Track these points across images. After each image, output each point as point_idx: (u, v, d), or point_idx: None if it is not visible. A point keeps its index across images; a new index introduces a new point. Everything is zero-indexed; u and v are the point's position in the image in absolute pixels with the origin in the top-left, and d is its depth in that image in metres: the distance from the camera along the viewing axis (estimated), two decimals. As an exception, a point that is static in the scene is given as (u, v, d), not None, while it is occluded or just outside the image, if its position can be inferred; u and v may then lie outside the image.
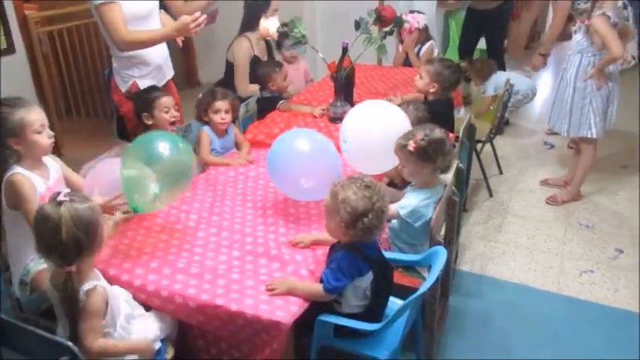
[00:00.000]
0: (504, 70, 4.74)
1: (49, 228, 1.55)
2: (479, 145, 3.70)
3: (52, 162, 2.18)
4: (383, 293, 1.91)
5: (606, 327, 2.54)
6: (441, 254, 1.94)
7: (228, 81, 3.65)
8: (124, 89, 2.77)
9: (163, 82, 2.90)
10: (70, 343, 1.49)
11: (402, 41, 4.41)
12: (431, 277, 1.86)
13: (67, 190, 1.64)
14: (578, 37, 3.22)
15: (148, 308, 1.94)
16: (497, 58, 4.70)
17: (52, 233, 1.56)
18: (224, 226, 2.25)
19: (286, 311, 1.80)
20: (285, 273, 1.96)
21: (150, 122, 2.61)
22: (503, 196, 3.70)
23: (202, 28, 2.59)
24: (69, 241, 1.56)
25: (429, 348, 2.33)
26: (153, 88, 2.67)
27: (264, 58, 3.70)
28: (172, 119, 2.61)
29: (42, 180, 2.07)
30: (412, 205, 2.17)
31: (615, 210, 3.51)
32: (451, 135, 2.74)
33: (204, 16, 2.57)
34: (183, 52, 5.36)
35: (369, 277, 1.86)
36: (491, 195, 3.70)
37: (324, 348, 2.00)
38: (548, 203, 3.57)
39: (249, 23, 3.58)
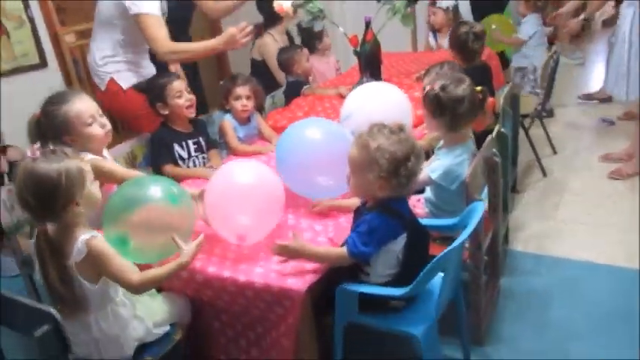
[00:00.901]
0: None
1: (15, 185, 1.45)
2: (527, 124, 3.39)
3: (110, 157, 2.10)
4: (417, 259, 1.65)
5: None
6: (478, 208, 1.68)
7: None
8: (102, 88, 2.66)
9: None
10: (51, 310, 1.33)
11: (433, 29, 4.18)
12: (466, 230, 1.59)
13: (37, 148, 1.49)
14: None
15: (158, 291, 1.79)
16: None
17: (16, 190, 1.45)
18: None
19: (299, 278, 1.60)
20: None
21: (166, 112, 2.48)
22: (558, 175, 3.35)
23: (250, 39, 2.49)
24: (25, 200, 1.44)
25: (476, 330, 2.04)
26: (160, 75, 2.55)
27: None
28: (188, 103, 2.48)
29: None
30: (444, 165, 1.93)
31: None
32: (490, 99, 2.48)
33: (252, 26, 2.47)
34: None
35: (403, 239, 1.63)
36: (544, 174, 3.36)
37: (349, 327, 1.77)
38: (611, 178, 3.19)
39: (269, 20, 3.54)
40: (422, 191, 2.15)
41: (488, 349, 2.05)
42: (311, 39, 3.57)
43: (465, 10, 4.21)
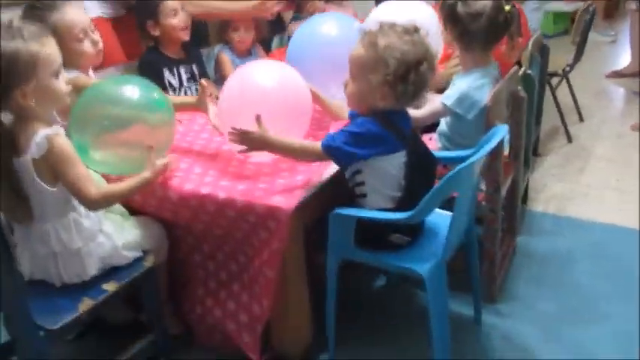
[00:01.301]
0: None
1: None
2: (554, 83, 3.13)
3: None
4: (421, 185, 1.43)
5: None
6: (501, 130, 1.45)
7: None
8: None
9: None
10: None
11: None
12: (484, 149, 1.36)
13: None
14: None
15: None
16: None
17: None
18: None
19: (287, 196, 1.38)
20: (295, 169, 1.54)
21: (156, 33, 2.24)
22: (585, 142, 3.10)
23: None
24: None
25: (489, 286, 1.82)
26: None
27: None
28: (182, 24, 2.24)
29: None
30: (460, 90, 1.69)
31: None
32: (521, 40, 2.24)
33: None
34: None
35: (402, 156, 1.40)
36: (569, 140, 3.11)
37: (345, 266, 1.55)
38: None
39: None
40: (433, 129, 1.92)
41: (501, 306, 1.83)
42: None
43: None
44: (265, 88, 1.56)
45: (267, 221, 1.37)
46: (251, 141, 1.43)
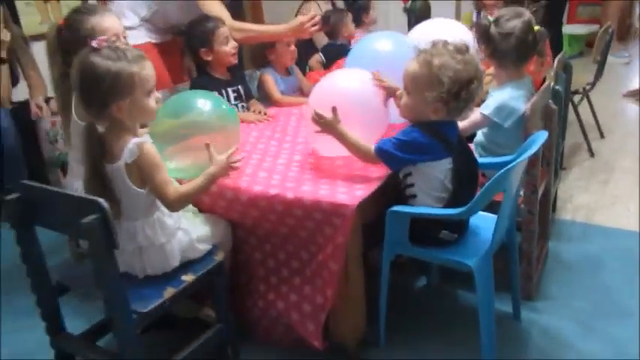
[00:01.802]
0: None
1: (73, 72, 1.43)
2: (576, 99, 3.29)
3: None
4: (467, 185, 1.59)
5: None
6: (541, 136, 1.59)
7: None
8: None
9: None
10: (99, 199, 1.29)
11: (478, 9, 4.06)
12: (528, 152, 1.51)
13: (104, 39, 1.46)
14: None
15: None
16: None
17: (75, 78, 1.43)
18: (287, 140, 2.04)
19: (350, 195, 1.54)
20: (351, 168, 1.70)
21: (209, 58, 2.44)
22: (607, 157, 3.24)
23: (317, 29, 2.46)
24: (75, 87, 1.44)
25: (526, 284, 1.95)
26: (205, 19, 2.42)
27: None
28: (234, 50, 2.44)
29: None
30: (497, 100, 1.85)
31: None
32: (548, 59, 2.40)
33: (320, 16, 2.45)
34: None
35: (448, 163, 1.56)
36: (592, 155, 3.25)
37: (397, 261, 1.70)
38: None
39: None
40: (471, 139, 2.08)
41: (538, 304, 1.95)
42: (358, 11, 3.52)
43: None
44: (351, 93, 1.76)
45: (332, 218, 1.52)
46: (325, 123, 1.63)
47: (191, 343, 1.62)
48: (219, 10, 2.44)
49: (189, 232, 1.59)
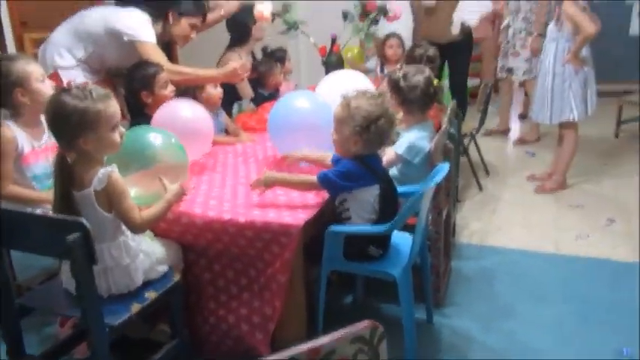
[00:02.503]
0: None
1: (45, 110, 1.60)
2: (465, 142, 3.82)
3: None
4: (391, 208, 1.92)
5: (606, 277, 2.56)
6: (444, 168, 1.97)
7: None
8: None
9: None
10: (82, 220, 1.45)
11: (382, 62, 4.57)
12: (437, 177, 1.87)
13: (79, 84, 1.64)
14: (551, 27, 3.46)
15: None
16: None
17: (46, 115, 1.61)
18: (228, 173, 2.28)
19: (295, 217, 1.81)
20: (290, 196, 1.98)
21: (149, 100, 2.62)
22: (493, 191, 3.77)
23: (248, 75, 2.74)
24: (47, 121, 1.61)
25: (436, 293, 2.31)
26: (146, 64, 2.62)
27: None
28: (172, 94, 2.65)
29: (31, 140, 2.07)
30: (408, 140, 2.24)
31: (602, 193, 3.61)
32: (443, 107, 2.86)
33: (249, 62, 2.75)
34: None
35: (376, 189, 1.88)
36: (480, 189, 3.77)
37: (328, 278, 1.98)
38: (537, 193, 3.65)
39: (238, 39, 3.75)
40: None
41: (446, 310, 2.32)
42: (276, 61, 3.85)
43: None
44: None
45: (280, 237, 1.77)
46: (264, 182, 1.90)
47: (151, 357, 1.77)
48: (158, 54, 2.66)
49: (149, 254, 1.77)
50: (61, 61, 2.74)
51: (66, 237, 1.43)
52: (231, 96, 3.46)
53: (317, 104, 2.27)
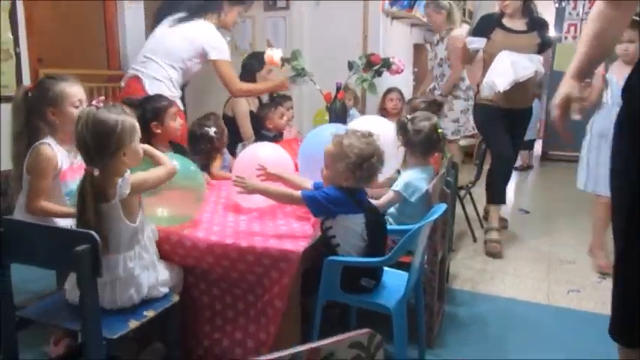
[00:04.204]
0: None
1: (76, 128, 1.66)
2: (461, 194, 3.92)
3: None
4: (379, 237, 1.98)
5: (595, 331, 2.57)
6: (441, 208, 2.05)
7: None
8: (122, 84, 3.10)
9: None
10: (92, 232, 1.51)
11: (383, 115, 4.75)
12: (434, 215, 1.95)
13: (102, 100, 1.72)
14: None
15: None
16: None
17: (76, 132, 1.66)
18: (230, 204, 2.35)
19: (295, 244, 1.86)
20: (291, 227, 2.04)
21: (158, 131, 2.74)
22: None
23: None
24: (83, 140, 1.64)
25: (428, 333, 2.33)
26: (160, 97, 2.79)
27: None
28: (180, 127, 2.77)
29: (68, 156, 2.14)
30: (406, 178, 2.31)
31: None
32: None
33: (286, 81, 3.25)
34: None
35: (361, 218, 1.94)
36: (475, 240, 3.84)
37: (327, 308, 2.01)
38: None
39: (246, 81, 3.94)
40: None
41: (437, 350, 2.33)
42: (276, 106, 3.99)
43: None
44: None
45: (280, 263, 1.82)
46: (249, 186, 1.99)
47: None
48: (232, 71, 3.20)
49: (156, 268, 1.82)
50: (156, 74, 3.08)
51: (74, 248, 1.48)
52: (235, 137, 3.60)
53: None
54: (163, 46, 3.11)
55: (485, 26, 3.72)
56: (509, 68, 3.46)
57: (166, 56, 3.09)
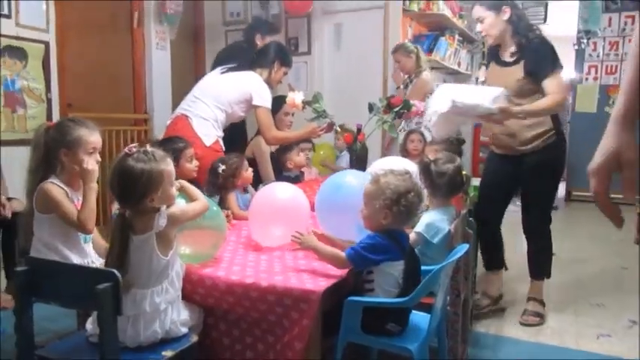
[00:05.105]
0: None
1: (109, 172, 1.72)
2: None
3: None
4: (414, 284, 1.95)
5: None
6: (464, 248, 2.03)
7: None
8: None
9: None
10: (114, 271, 1.53)
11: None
12: (456, 256, 1.92)
13: (134, 146, 1.77)
14: None
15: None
16: None
17: (108, 177, 1.72)
18: (252, 244, 2.35)
19: (316, 284, 1.85)
20: (312, 267, 2.03)
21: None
22: (511, 285, 3.75)
23: (324, 132, 3.43)
24: (112, 185, 1.72)
25: (452, 377, 2.26)
26: (178, 138, 2.86)
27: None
28: (196, 168, 2.81)
29: (75, 194, 2.18)
30: (426, 220, 2.30)
31: (622, 295, 3.57)
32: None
33: (326, 124, 3.33)
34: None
35: (401, 265, 1.93)
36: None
37: (349, 348, 1.97)
38: None
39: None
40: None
41: (461, 397, 2.26)
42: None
43: None
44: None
45: (300, 303, 1.80)
46: (305, 242, 2.00)
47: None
48: (270, 118, 3.42)
49: (179, 307, 1.84)
50: (203, 113, 3.26)
51: (96, 286, 1.50)
52: (258, 177, 3.64)
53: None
54: (213, 89, 3.31)
55: (488, 59, 3.30)
56: (446, 92, 2.89)
57: (215, 98, 3.28)
